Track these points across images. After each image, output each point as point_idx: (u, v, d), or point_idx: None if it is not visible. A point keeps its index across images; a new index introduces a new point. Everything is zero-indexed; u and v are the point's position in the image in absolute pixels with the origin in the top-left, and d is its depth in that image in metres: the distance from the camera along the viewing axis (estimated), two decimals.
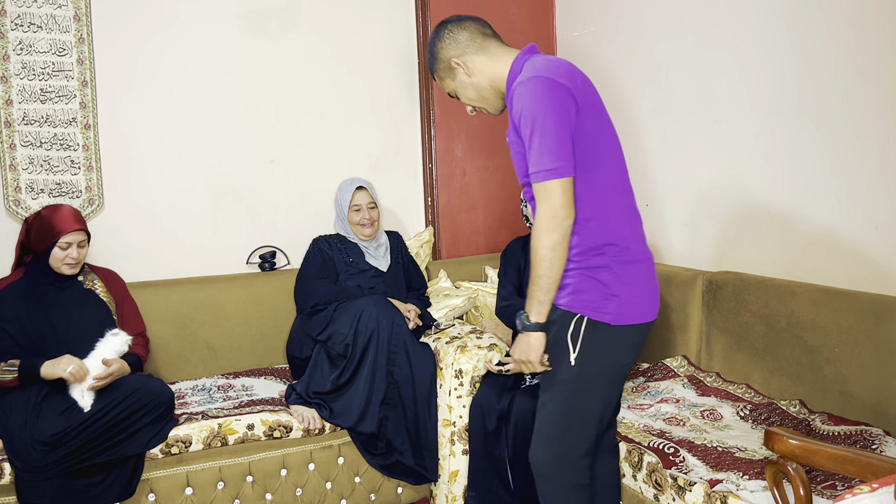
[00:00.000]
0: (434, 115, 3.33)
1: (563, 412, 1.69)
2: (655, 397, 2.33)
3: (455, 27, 1.76)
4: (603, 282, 1.64)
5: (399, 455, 2.52)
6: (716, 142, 2.64)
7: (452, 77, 1.78)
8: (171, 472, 2.29)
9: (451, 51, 1.76)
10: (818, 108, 2.25)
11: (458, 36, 1.75)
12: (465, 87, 1.78)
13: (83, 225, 2.32)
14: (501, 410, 2.33)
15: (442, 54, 1.77)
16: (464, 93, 1.79)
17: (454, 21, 1.78)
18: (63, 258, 2.28)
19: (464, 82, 1.77)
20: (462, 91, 1.79)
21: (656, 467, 1.89)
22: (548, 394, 1.72)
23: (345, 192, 2.86)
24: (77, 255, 2.30)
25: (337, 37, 3.17)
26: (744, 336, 2.37)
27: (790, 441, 1.46)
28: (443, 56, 1.77)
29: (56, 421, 2.07)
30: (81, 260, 2.33)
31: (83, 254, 2.33)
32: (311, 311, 2.66)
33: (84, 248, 2.33)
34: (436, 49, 1.78)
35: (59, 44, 2.68)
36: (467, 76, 1.76)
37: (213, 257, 3.00)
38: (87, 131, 2.75)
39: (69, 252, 2.28)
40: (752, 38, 2.46)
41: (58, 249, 2.27)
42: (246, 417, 2.38)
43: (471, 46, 1.75)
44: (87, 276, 2.42)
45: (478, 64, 1.75)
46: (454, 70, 1.77)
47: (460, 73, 1.76)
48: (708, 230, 2.72)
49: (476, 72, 1.75)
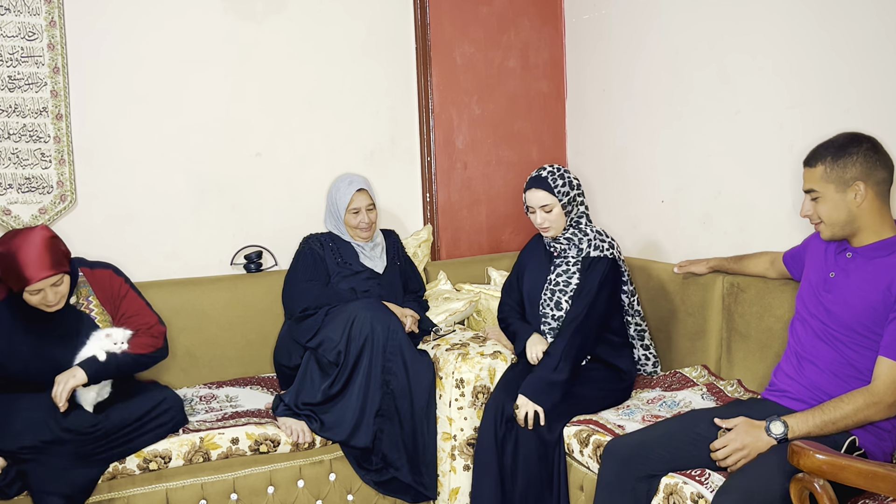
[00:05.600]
0: (433, 105, 3.33)
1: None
2: (672, 409, 2.33)
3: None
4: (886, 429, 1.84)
5: (395, 471, 2.52)
6: (736, 133, 2.64)
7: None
8: (150, 490, 2.29)
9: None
10: (847, 98, 2.25)
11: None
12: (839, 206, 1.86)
13: (56, 265, 2.15)
14: (509, 414, 2.34)
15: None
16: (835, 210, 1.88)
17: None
18: (38, 303, 2.18)
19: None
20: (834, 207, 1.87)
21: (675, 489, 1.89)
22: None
23: (343, 192, 2.85)
24: (54, 298, 2.18)
25: (327, 19, 3.17)
26: (768, 343, 2.37)
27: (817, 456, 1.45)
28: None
29: (86, 414, 2.17)
30: (62, 296, 2.21)
31: (63, 290, 2.21)
32: (301, 316, 2.66)
33: (62, 284, 2.20)
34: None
35: (28, 27, 2.68)
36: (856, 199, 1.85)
37: (194, 258, 3.00)
38: (58, 122, 2.75)
39: (42, 297, 2.16)
40: (776, 21, 2.45)
41: (28, 295, 2.15)
42: (230, 431, 2.38)
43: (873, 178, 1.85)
44: (79, 293, 2.35)
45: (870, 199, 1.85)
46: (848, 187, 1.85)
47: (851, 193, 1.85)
48: (727, 228, 2.72)
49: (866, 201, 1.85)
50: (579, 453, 2.25)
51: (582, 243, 2.53)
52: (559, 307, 2.52)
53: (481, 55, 3.41)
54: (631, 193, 3.19)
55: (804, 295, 2.01)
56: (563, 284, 2.53)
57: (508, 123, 3.49)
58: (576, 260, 2.53)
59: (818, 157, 1.88)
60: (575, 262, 2.53)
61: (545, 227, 2.54)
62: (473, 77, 3.40)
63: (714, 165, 2.75)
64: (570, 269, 2.53)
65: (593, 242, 2.52)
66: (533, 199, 2.54)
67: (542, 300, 2.57)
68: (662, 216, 3.02)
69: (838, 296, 1.89)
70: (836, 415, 1.76)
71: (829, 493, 1.46)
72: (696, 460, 1.92)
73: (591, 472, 2.21)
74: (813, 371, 1.93)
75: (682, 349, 2.68)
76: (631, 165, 3.18)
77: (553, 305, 2.53)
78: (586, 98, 3.45)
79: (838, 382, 1.88)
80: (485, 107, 3.44)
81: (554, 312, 2.53)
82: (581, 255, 2.52)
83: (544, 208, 2.52)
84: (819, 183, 1.88)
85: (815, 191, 1.89)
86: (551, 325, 2.53)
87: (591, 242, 2.52)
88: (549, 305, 2.54)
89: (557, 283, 2.54)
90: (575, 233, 2.56)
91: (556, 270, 2.56)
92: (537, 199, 2.53)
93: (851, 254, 1.90)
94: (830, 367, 1.90)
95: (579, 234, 2.55)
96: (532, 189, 2.54)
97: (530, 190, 2.54)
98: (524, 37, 3.48)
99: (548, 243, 2.61)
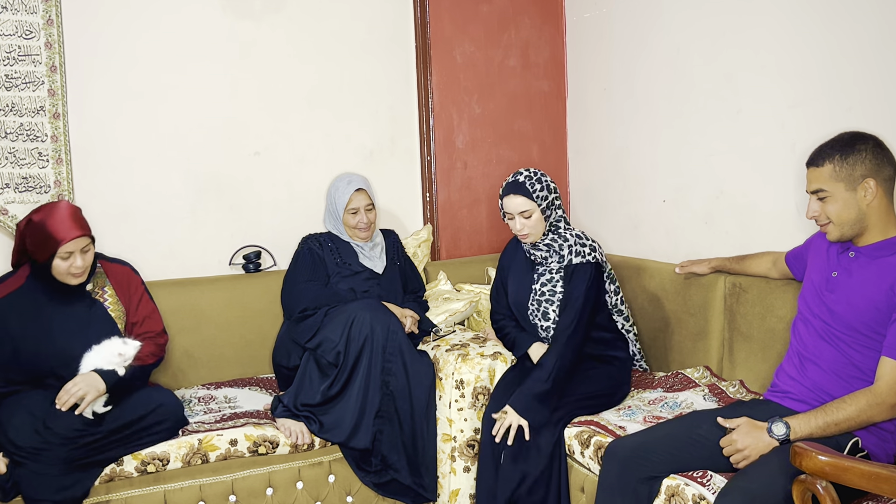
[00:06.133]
0: (433, 104, 3.33)
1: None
2: (674, 409, 2.33)
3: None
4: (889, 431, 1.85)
5: (395, 472, 2.52)
6: (738, 132, 2.64)
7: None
8: (147, 492, 2.29)
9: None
10: (850, 96, 2.25)
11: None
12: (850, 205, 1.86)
13: (84, 228, 2.26)
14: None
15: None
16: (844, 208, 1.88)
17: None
18: (67, 269, 2.23)
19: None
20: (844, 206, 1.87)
21: (677, 490, 1.89)
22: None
23: (341, 192, 2.85)
24: (82, 263, 2.24)
25: (327, 17, 3.17)
26: (770, 344, 2.37)
27: (819, 457, 1.45)
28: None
29: (74, 418, 2.14)
30: (87, 266, 2.28)
31: (89, 259, 2.28)
32: (300, 317, 2.66)
33: (89, 251, 2.27)
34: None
35: (25, 26, 2.68)
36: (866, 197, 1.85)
37: (192, 258, 3.00)
38: (56, 121, 2.75)
39: (72, 262, 2.22)
40: (778, 19, 2.45)
41: (59, 261, 2.21)
42: (228, 432, 2.38)
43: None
44: (96, 281, 2.39)
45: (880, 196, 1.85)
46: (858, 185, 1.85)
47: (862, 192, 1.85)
48: (729, 227, 2.72)
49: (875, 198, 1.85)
50: (580, 454, 2.25)
51: (563, 249, 2.50)
52: (546, 317, 2.51)
53: (481, 54, 3.41)
54: (632, 193, 3.19)
55: (807, 295, 2.02)
56: (548, 294, 2.51)
57: (509, 122, 3.49)
58: (559, 267, 2.51)
59: (824, 155, 1.88)
60: (558, 270, 2.51)
61: (524, 233, 2.50)
62: (474, 76, 3.40)
63: (716, 165, 2.75)
64: (553, 276, 2.51)
65: (573, 248, 2.49)
66: (511, 205, 2.48)
67: (530, 310, 2.55)
68: (664, 216, 3.02)
69: (841, 295, 1.89)
70: (839, 416, 1.77)
71: (832, 494, 1.46)
72: (698, 462, 1.92)
73: (592, 473, 2.21)
74: (815, 371, 1.94)
75: (684, 350, 2.68)
76: (632, 165, 3.18)
77: (540, 316, 2.52)
78: (587, 97, 3.45)
79: (841, 383, 1.88)
80: (485, 106, 3.44)
81: (542, 323, 2.52)
82: (563, 262, 2.50)
83: (523, 214, 2.47)
84: (827, 182, 1.87)
85: (824, 190, 1.88)
86: (542, 335, 2.54)
87: (572, 248, 2.49)
88: (537, 316, 2.53)
89: (543, 292, 2.52)
90: (555, 238, 2.52)
91: (539, 280, 2.54)
92: (516, 204, 2.47)
93: (854, 253, 1.90)
94: (833, 368, 1.90)
95: (559, 239, 2.52)
96: (510, 195, 2.48)
97: (508, 196, 2.49)
98: (525, 35, 3.48)
99: (527, 251, 2.58)
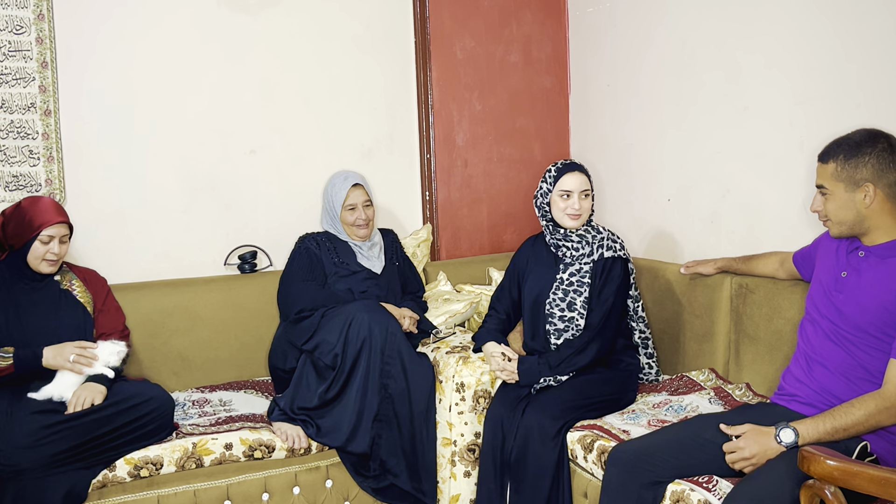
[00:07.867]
0: (432, 100, 3.33)
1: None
2: (679, 413, 2.33)
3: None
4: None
5: (394, 477, 2.52)
6: (745, 129, 2.64)
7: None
8: (141, 497, 2.29)
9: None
10: (861, 92, 2.25)
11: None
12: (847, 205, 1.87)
13: (65, 217, 2.39)
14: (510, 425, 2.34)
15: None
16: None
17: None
18: (43, 253, 2.34)
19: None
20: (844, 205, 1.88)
21: (682, 496, 1.89)
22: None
23: (338, 188, 2.85)
24: (58, 251, 2.36)
25: (324, 12, 3.17)
26: (777, 345, 2.37)
27: (828, 462, 1.45)
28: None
29: (33, 420, 2.14)
30: (62, 256, 2.39)
31: (64, 250, 2.39)
32: (297, 318, 2.66)
33: (65, 243, 2.40)
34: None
35: (15, 20, 2.68)
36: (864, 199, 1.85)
37: (187, 258, 3.00)
38: (47, 118, 2.75)
39: (50, 247, 2.34)
40: (786, 14, 2.45)
41: (38, 244, 2.33)
42: (223, 436, 2.38)
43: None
44: (64, 276, 2.48)
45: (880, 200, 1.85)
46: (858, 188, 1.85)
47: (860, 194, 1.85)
48: (736, 227, 2.72)
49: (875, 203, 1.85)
50: (583, 459, 2.25)
51: (595, 241, 2.52)
52: (572, 308, 2.50)
53: (482, 49, 3.41)
54: (637, 192, 3.19)
55: (815, 295, 2.01)
56: (577, 284, 2.50)
57: (510, 120, 3.49)
58: (589, 259, 2.52)
59: (831, 153, 1.88)
60: (587, 262, 2.52)
61: (579, 213, 2.50)
62: (474, 72, 3.40)
63: (722, 163, 2.75)
64: (583, 268, 2.52)
65: (606, 242, 2.52)
66: (574, 182, 2.48)
67: (551, 299, 2.54)
68: (669, 215, 3.02)
69: (850, 296, 1.89)
70: (847, 421, 1.76)
71: (841, 500, 1.46)
72: (704, 466, 1.92)
73: (596, 478, 2.21)
74: (823, 374, 1.93)
75: (689, 352, 2.68)
76: (637, 163, 3.18)
77: (566, 306, 2.51)
78: (590, 94, 3.45)
79: (849, 385, 1.88)
80: (486, 102, 3.44)
81: (565, 313, 2.51)
82: (595, 254, 2.51)
83: (584, 192, 2.49)
84: (829, 180, 1.88)
85: (825, 188, 1.89)
86: (557, 325, 2.52)
87: (604, 242, 2.52)
88: (561, 306, 2.51)
89: (571, 282, 2.51)
90: (588, 229, 2.55)
91: (567, 269, 2.53)
92: (580, 182, 2.49)
93: (864, 252, 1.90)
94: (841, 370, 1.90)
95: (593, 230, 2.55)
96: (575, 172, 2.50)
97: (573, 173, 2.50)
98: (526, 30, 3.48)
99: (553, 243, 2.58)
